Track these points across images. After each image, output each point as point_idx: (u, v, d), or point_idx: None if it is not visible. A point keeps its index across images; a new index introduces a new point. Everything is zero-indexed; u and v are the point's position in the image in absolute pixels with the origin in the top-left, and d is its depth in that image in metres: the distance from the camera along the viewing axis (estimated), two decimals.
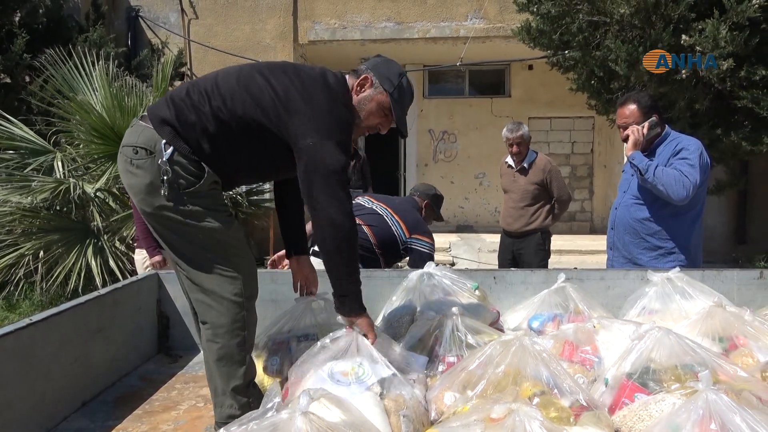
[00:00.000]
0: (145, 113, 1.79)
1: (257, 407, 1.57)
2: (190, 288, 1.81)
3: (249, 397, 1.78)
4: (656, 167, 2.66)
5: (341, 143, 1.68)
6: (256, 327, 1.88)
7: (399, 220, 3.14)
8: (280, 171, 1.93)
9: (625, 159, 2.96)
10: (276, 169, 1.92)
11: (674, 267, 2.42)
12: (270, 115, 1.70)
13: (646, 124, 2.76)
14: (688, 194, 2.61)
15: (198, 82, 1.80)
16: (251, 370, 1.83)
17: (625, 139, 2.82)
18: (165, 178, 1.67)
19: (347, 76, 1.87)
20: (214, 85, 1.74)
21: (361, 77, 1.83)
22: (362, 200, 3.33)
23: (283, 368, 1.97)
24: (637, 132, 2.75)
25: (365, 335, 1.71)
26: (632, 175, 2.88)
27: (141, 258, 3.96)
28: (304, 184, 1.68)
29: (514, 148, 4.29)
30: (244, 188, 6.51)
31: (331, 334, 1.74)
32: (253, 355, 1.90)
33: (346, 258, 1.70)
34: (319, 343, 1.73)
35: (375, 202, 3.27)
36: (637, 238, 2.83)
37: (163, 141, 1.68)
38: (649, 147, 2.82)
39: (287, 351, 2.02)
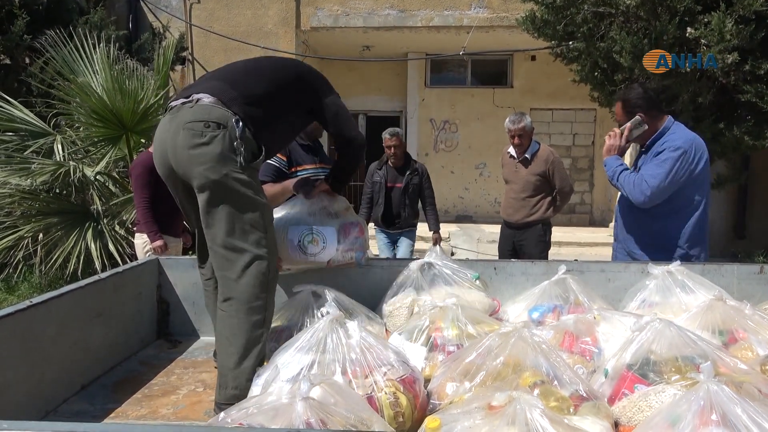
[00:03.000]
0: (201, 95, 1.90)
1: None
2: (219, 264, 1.88)
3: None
4: (621, 173, 2.73)
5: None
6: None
7: None
8: (293, 135, 2.36)
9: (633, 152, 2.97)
10: (293, 134, 2.32)
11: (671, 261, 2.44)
12: (301, 77, 2.13)
13: (628, 124, 2.75)
14: (647, 198, 2.64)
15: (237, 66, 2.13)
16: (264, 352, 1.86)
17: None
18: (241, 149, 1.84)
19: None
20: (256, 68, 2.10)
21: None
22: None
23: None
24: (612, 137, 2.78)
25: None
26: (630, 172, 2.85)
27: (141, 242, 3.95)
28: (338, 125, 2.18)
29: (516, 140, 4.26)
30: None
31: None
32: None
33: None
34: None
35: None
36: (634, 234, 2.85)
37: (234, 118, 1.86)
38: (644, 143, 2.81)
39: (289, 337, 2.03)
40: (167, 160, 1.92)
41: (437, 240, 4.96)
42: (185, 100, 1.92)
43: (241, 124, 1.86)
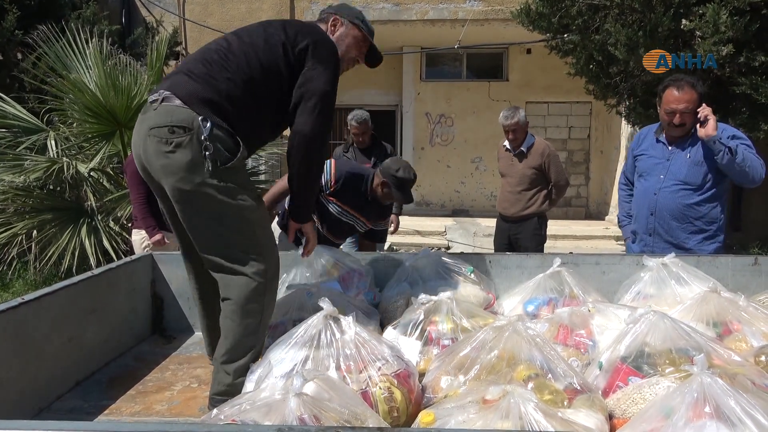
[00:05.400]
0: (166, 93, 1.77)
1: None
2: (211, 266, 1.83)
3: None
4: (743, 149, 2.68)
5: (334, 71, 1.94)
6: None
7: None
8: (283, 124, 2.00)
9: (644, 142, 3.01)
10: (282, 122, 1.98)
11: (716, 248, 2.73)
12: (287, 54, 1.86)
13: (707, 111, 2.72)
14: (765, 174, 2.73)
15: (206, 52, 1.88)
16: (257, 355, 1.84)
17: (681, 123, 2.76)
18: (207, 153, 1.70)
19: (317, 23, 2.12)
20: (228, 49, 1.84)
21: (332, 18, 2.09)
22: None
23: None
24: (712, 114, 2.71)
25: (308, 240, 2.11)
26: (668, 160, 2.85)
27: (139, 239, 3.93)
28: (297, 98, 1.85)
29: (510, 135, 4.26)
30: None
31: None
32: None
33: (311, 169, 1.92)
34: None
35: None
36: (685, 223, 2.84)
37: (200, 117, 1.71)
38: (682, 135, 2.83)
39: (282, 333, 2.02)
40: (142, 164, 1.85)
41: (395, 225, 4.90)
42: (153, 98, 1.80)
43: (209, 124, 1.70)
